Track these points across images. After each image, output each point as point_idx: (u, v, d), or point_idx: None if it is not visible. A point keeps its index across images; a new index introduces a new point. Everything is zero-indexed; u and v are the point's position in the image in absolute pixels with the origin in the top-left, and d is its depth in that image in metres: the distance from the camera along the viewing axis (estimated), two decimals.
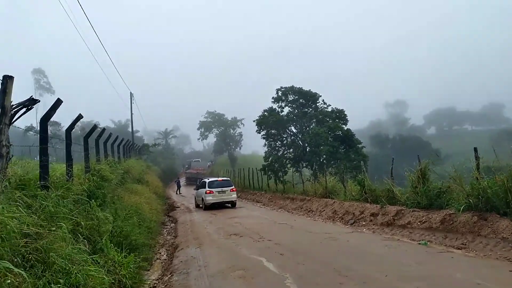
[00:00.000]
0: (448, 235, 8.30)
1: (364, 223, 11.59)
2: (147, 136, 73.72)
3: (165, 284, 7.10)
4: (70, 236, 5.72)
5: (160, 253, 10.86)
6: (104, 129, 14.01)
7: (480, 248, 7.20)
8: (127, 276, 6.62)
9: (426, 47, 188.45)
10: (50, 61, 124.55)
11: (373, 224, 11.11)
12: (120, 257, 7.00)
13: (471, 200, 8.36)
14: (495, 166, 8.50)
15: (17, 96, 6.92)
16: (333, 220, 13.21)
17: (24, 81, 61.72)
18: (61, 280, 4.34)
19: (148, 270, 8.62)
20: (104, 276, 5.14)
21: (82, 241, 6.36)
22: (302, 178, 21.32)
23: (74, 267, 4.82)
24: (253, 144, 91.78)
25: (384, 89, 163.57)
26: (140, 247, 8.62)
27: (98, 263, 6.30)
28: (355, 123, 43.01)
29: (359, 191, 14.11)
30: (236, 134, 73.65)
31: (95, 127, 11.49)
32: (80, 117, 9.63)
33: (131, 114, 38.29)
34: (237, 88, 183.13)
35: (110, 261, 6.62)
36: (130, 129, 41.84)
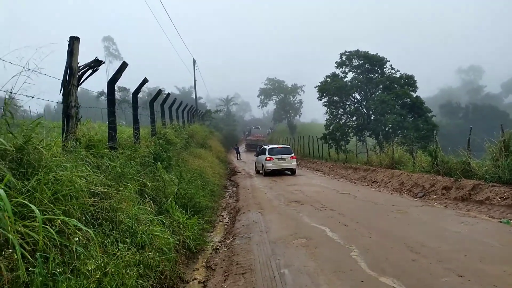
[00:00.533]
0: None
1: (435, 196, 10.74)
2: (210, 103, 75.67)
3: (228, 247, 7.17)
4: (137, 196, 5.89)
5: (223, 215, 11.10)
6: (169, 94, 14.34)
7: None
8: (191, 237, 6.77)
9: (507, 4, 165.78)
10: (119, 29, 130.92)
11: (446, 198, 10.25)
12: (185, 219, 7.17)
13: None
14: None
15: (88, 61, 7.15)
16: (400, 192, 12.46)
17: (95, 48, 65.66)
18: (127, 240, 4.46)
19: (211, 232, 8.84)
20: (169, 237, 5.23)
21: (148, 202, 6.57)
22: (367, 148, 20.35)
23: (140, 227, 4.95)
24: (313, 112, 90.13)
25: (457, 53, 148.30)
26: (204, 210, 8.81)
27: (164, 223, 6.48)
28: (423, 91, 39.69)
29: (430, 162, 13.08)
30: (296, 101, 72.62)
31: (160, 91, 11.75)
32: (145, 80, 9.80)
33: (194, 80, 39.15)
34: (300, 56, 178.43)
35: (175, 222, 6.80)
36: (193, 96, 42.94)
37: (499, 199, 8.45)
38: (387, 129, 31.52)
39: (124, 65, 7.51)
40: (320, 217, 8.70)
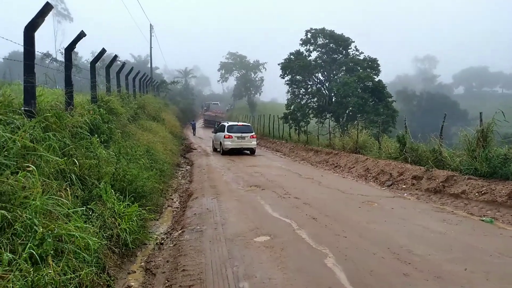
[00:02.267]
0: None
1: (404, 186, 10.09)
2: (167, 75, 71.85)
3: (174, 242, 5.90)
4: (51, 181, 4.40)
5: (173, 199, 9.80)
6: (115, 56, 12.43)
7: None
8: (128, 230, 5.41)
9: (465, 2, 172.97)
10: None
11: (416, 189, 9.60)
12: (122, 207, 5.77)
13: None
14: None
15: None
16: (365, 179, 11.76)
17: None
18: (19, 248, 3.05)
19: (157, 220, 7.51)
20: (90, 240, 3.84)
21: (73, 186, 5.11)
22: (329, 130, 19.61)
23: (49, 225, 3.53)
24: (274, 92, 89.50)
25: (414, 43, 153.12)
26: (148, 194, 7.40)
27: (92, 214, 5.08)
28: (381, 76, 40.07)
29: (398, 149, 12.47)
30: (257, 78, 71.22)
31: (103, 51, 9.89)
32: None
33: (150, 47, 36.42)
34: (263, 31, 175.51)
35: (108, 212, 5.39)
36: (150, 65, 40.09)
37: (476, 194, 7.84)
38: (347, 112, 31.26)
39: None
40: (284, 206, 7.64)
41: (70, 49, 7.81)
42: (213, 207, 7.78)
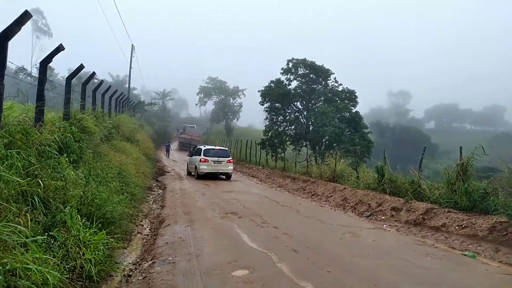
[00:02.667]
0: (500, 248, 6.69)
1: (383, 217, 9.97)
2: (145, 96, 70.87)
3: (143, 274, 5.41)
4: (9, 204, 3.94)
5: (143, 225, 9.25)
6: (93, 73, 12.00)
7: None
8: (93, 261, 4.91)
9: (439, 43, 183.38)
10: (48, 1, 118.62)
11: (396, 221, 9.48)
12: (88, 234, 5.27)
13: None
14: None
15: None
16: (344, 208, 11.59)
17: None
18: None
19: (125, 248, 6.97)
20: (48, 275, 3.38)
21: (36, 209, 4.64)
22: (307, 158, 19.55)
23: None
24: (251, 117, 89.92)
25: (388, 78, 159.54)
26: (117, 221, 6.88)
27: (54, 242, 4.59)
28: (356, 108, 41.06)
29: (376, 179, 12.46)
30: (235, 104, 71.49)
31: (81, 66, 9.46)
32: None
33: (130, 67, 35.96)
34: (244, 57, 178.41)
35: (72, 240, 4.89)
36: (127, 85, 39.46)
37: (456, 227, 7.78)
38: (324, 141, 31.56)
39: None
40: (262, 236, 7.29)
41: (46, 62, 7.34)
42: (186, 236, 7.33)
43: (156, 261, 5.83)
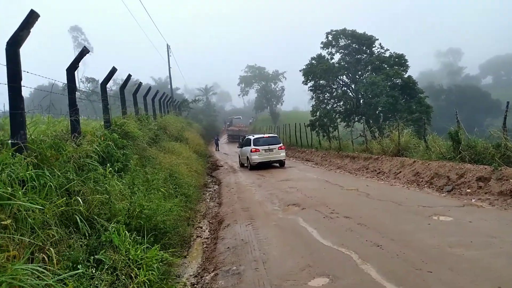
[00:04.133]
0: None
1: (468, 190, 8.53)
2: (188, 94, 71.97)
3: None
4: (38, 234, 3.34)
5: (201, 227, 8.68)
6: (129, 76, 11.59)
7: None
8: (147, 283, 4.27)
9: None
10: (87, 18, 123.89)
11: (486, 193, 8.04)
12: (139, 251, 4.65)
13: None
14: None
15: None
16: (418, 185, 10.24)
17: (62, 39, 61.24)
18: None
19: (185, 257, 6.37)
20: None
21: (80, 229, 4.09)
22: (364, 133, 18.01)
23: None
24: (294, 100, 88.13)
25: (434, 37, 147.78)
26: (172, 229, 6.26)
27: (99, 265, 4.00)
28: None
29: (451, 147, 10.91)
30: (277, 88, 70.25)
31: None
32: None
33: (169, 67, 36.11)
34: (280, 39, 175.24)
35: (122, 261, 4.28)
36: (169, 85, 39.79)
37: None
38: (377, 113, 29.56)
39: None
40: (335, 230, 6.32)
41: (72, 69, 6.84)
42: (249, 237, 6.56)
43: (219, 273, 5.10)
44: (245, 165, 19.10)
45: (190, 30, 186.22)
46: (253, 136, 19.30)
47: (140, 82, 15.53)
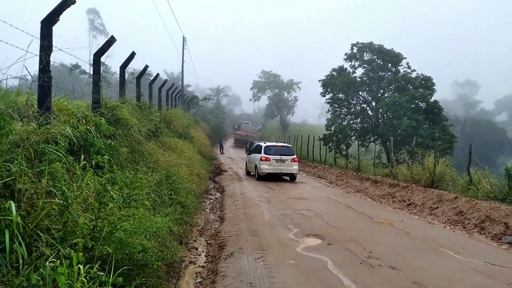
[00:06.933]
0: None
1: None
2: (199, 93, 70.33)
3: None
4: None
5: (197, 248, 6.96)
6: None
7: None
8: None
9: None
10: (105, 2, 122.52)
11: None
12: None
13: None
14: None
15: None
16: (464, 227, 8.36)
17: (78, 21, 60.03)
18: None
19: None
20: None
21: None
22: (392, 156, 16.07)
23: None
24: (303, 113, 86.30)
25: (455, 66, 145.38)
26: (155, 261, 4.42)
27: None
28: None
29: (505, 186, 9.09)
30: (290, 98, 68.55)
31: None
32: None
33: (182, 61, 34.58)
34: (299, 50, 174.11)
35: None
36: (181, 81, 38.23)
37: None
38: (396, 136, 27.68)
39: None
40: (377, 285, 4.49)
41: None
42: (260, 283, 4.73)
43: None
44: (252, 173, 17.32)
45: (207, 30, 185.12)
46: (264, 143, 17.53)
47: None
